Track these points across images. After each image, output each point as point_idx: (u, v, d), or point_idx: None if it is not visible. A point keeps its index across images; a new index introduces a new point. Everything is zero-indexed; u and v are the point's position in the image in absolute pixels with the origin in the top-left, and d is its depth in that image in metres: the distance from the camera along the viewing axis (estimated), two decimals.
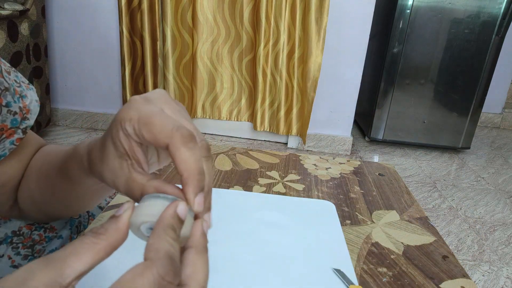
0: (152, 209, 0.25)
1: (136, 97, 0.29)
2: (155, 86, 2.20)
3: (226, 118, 2.34)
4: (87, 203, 0.43)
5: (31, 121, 0.41)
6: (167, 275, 0.21)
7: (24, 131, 0.41)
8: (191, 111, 2.34)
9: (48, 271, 0.20)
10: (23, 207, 0.45)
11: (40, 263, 0.20)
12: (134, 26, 2.11)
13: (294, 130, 2.26)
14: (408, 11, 2.21)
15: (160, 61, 2.15)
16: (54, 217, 0.48)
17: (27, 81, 0.43)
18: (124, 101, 2.27)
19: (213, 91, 2.29)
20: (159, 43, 2.11)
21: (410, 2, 2.19)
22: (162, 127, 0.26)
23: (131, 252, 0.36)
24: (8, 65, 0.42)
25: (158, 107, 0.28)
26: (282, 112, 2.24)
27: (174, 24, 2.10)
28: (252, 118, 2.28)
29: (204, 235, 0.25)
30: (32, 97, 0.42)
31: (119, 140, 0.27)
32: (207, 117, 2.35)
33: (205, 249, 0.25)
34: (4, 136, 0.39)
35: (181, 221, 0.24)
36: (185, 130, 0.26)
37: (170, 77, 2.19)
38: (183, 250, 0.25)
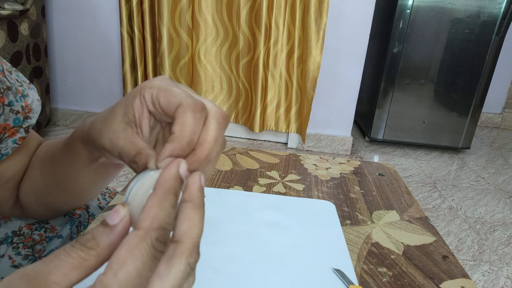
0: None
1: (163, 76, 0.30)
2: None
3: None
4: (87, 185, 0.42)
5: (33, 120, 0.41)
6: (158, 246, 0.21)
7: (26, 130, 0.41)
8: None
9: None
10: (24, 200, 0.45)
11: (22, 279, 0.19)
12: (139, 26, 2.11)
13: (294, 128, 2.26)
14: (408, 11, 2.21)
15: (158, 60, 2.15)
16: (54, 208, 0.47)
17: (27, 81, 0.44)
18: None
19: (212, 92, 2.29)
20: (157, 43, 2.11)
21: (410, 2, 2.19)
22: (177, 94, 0.27)
23: None
24: (9, 64, 0.42)
25: (181, 87, 0.29)
26: (281, 110, 2.24)
27: (171, 25, 2.10)
28: (248, 121, 2.27)
29: (202, 189, 0.24)
30: (33, 96, 0.42)
31: (133, 107, 0.28)
32: None
33: (202, 204, 0.24)
34: (6, 135, 0.39)
35: (182, 183, 0.23)
36: (199, 101, 0.26)
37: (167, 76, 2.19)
38: None
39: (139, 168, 0.26)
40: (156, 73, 2.17)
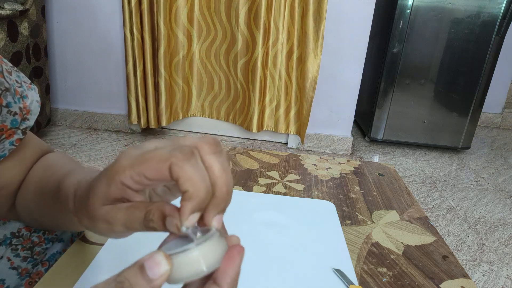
0: (190, 267, 0.22)
1: (125, 149, 0.27)
2: (155, 85, 2.20)
3: (224, 119, 2.34)
4: (81, 228, 0.42)
5: (31, 122, 0.41)
6: None
7: (24, 132, 0.41)
8: (186, 111, 2.35)
9: None
10: (20, 214, 0.45)
11: None
12: (141, 26, 2.11)
13: (293, 129, 2.26)
14: (408, 11, 2.21)
15: (157, 61, 2.15)
16: (47, 228, 0.47)
17: (29, 81, 0.43)
18: (128, 101, 2.27)
19: (211, 92, 2.29)
20: (156, 43, 2.11)
21: (410, 2, 2.19)
22: (160, 158, 0.24)
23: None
24: (10, 64, 0.42)
25: (149, 146, 0.26)
26: (281, 111, 2.24)
27: (169, 24, 2.10)
28: (245, 122, 2.26)
29: (238, 273, 0.23)
30: (33, 98, 0.42)
31: (115, 194, 0.26)
32: (207, 116, 2.36)
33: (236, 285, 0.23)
34: (4, 136, 0.39)
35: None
36: (185, 147, 0.24)
37: (162, 77, 2.19)
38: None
39: (157, 224, 0.25)
40: (155, 73, 2.17)
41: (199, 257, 0.22)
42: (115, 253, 0.46)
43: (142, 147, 0.26)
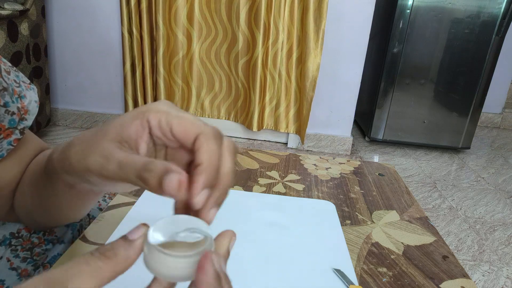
0: (178, 267, 0.22)
1: (165, 100, 0.29)
2: (153, 85, 2.20)
3: (225, 118, 2.34)
4: (68, 210, 0.41)
5: (29, 122, 0.41)
6: None
7: (22, 132, 0.40)
8: (186, 111, 2.35)
9: None
10: (19, 214, 0.44)
11: (42, 283, 0.19)
12: (137, 26, 2.11)
13: (293, 128, 2.26)
14: (408, 11, 2.21)
15: (156, 60, 2.15)
16: (42, 226, 0.47)
17: (28, 81, 0.43)
18: (125, 101, 2.27)
19: (211, 91, 2.29)
20: (155, 43, 2.11)
21: (410, 2, 2.19)
22: (193, 122, 0.26)
23: None
24: (9, 64, 0.42)
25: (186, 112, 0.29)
26: (280, 110, 2.24)
27: (169, 24, 2.10)
28: (246, 120, 2.27)
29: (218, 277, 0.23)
30: (31, 98, 0.41)
31: (131, 128, 0.27)
32: (207, 116, 2.36)
33: None
34: (1, 136, 0.39)
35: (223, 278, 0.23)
36: (216, 128, 0.27)
37: (161, 76, 2.19)
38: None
39: (153, 178, 0.24)
40: (154, 73, 2.17)
41: (172, 266, 0.22)
42: None
43: (180, 109, 0.28)
